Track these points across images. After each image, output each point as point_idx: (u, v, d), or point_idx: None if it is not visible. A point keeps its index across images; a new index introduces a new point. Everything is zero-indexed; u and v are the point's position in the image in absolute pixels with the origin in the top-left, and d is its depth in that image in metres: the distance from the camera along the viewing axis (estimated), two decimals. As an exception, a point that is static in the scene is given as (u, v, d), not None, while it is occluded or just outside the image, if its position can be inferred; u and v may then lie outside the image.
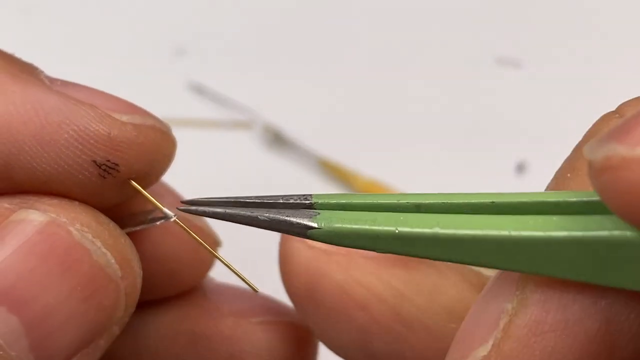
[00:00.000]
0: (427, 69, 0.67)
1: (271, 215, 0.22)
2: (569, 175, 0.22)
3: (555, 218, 0.20)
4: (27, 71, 0.25)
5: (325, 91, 0.65)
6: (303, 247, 0.27)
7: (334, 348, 0.29)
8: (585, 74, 0.65)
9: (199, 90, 0.65)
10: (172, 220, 0.25)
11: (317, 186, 0.58)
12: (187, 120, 0.61)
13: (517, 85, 0.66)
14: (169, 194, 0.29)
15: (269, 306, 0.31)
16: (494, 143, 0.61)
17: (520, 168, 0.58)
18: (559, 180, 0.22)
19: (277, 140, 0.60)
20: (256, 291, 0.27)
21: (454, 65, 0.67)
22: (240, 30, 0.70)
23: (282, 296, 0.32)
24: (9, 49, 0.26)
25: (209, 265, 0.31)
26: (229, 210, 0.23)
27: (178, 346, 0.30)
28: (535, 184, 0.25)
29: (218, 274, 0.32)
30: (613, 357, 0.20)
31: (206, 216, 0.24)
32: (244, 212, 0.23)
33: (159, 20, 0.71)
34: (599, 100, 0.19)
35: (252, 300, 0.31)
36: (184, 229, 0.26)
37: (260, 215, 0.22)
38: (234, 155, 0.60)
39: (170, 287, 0.30)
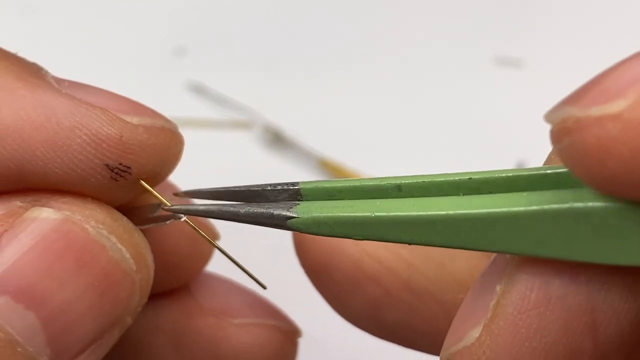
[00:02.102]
0: (427, 69, 0.67)
1: (251, 210, 0.23)
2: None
3: (525, 194, 0.20)
4: (33, 73, 0.24)
5: (326, 91, 0.65)
6: None
7: (347, 318, 0.29)
8: (585, 74, 0.65)
9: (199, 90, 0.65)
10: (182, 220, 0.26)
11: (317, 186, 0.57)
12: (187, 120, 0.61)
13: (517, 85, 0.66)
14: (172, 189, 0.29)
15: (254, 306, 0.31)
16: (493, 143, 0.61)
17: (520, 168, 0.58)
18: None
19: (277, 140, 0.60)
20: (265, 288, 0.27)
21: (454, 65, 0.67)
22: (240, 30, 0.70)
23: (280, 294, 0.32)
24: (10, 49, 0.26)
25: (207, 259, 0.31)
26: (211, 207, 0.24)
27: (158, 342, 0.30)
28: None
29: (221, 271, 0.32)
30: (597, 333, 0.20)
31: (189, 214, 0.25)
32: (225, 208, 0.24)
33: (159, 20, 0.71)
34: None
35: (237, 298, 0.31)
36: (194, 228, 0.26)
37: (240, 210, 0.23)
38: (234, 155, 0.60)
39: (168, 280, 0.30)
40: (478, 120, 0.63)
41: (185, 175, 0.31)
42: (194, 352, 0.30)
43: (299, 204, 0.23)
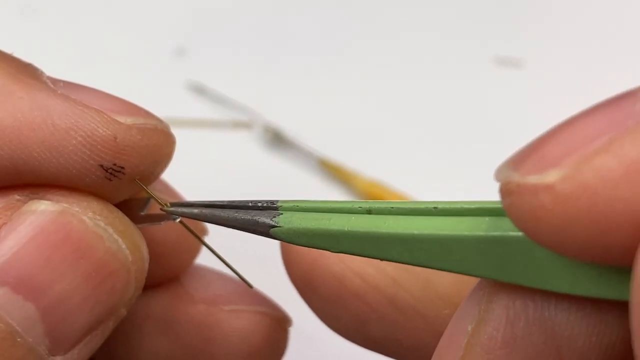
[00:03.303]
0: (427, 69, 0.67)
1: (239, 216, 0.25)
2: None
3: (487, 219, 0.21)
4: (29, 74, 0.25)
5: (326, 91, 0.65)
6: None
7: (334, 330, 0.30)
8: (585, 74, 0.65)
9: (199, 90, 0.65)
10: (177, 221, 0.27)
11: (317, 186, 0.58)
12: (187, 120, 0.61)
13: (517, 85, 0.66)
14: (164, 188, 0.30)
15: (243, 294, 0.32)
16: (493, 143, 0.61)
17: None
18: None
19: (277, 140, 0.60)
20: (251, 287, 0.28)
21: (454, 65, 0.67)
22: (240, 30, 0.70)
23: (274, 291, 0.32)
24: (8, 49, 0.26)
25: (195, 253, 0.31)
26: (204, 212, 0.26)
27: (148, 331, 0.31)
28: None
29: (211, 265, 0.32)
30: None
31: (186, 217, 0.26)
32: (217, 213, 0.25)
33: (159, 20, 0.71)
34: (598, 101, 0.19)
35: (226, 287, 0.31)
36: (188, 229, 0.27)
37: (230, 216, 0.25)
38: (234, 155, 0.60)
39: (158, 273, 0.30)
40: (478, 120, 0.63)
41: (185, 175, 0.32)
42: (184, 339, 0.30)
43: (282, 214, 0.24)
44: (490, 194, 0.22)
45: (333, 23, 0.72)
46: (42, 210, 0.24)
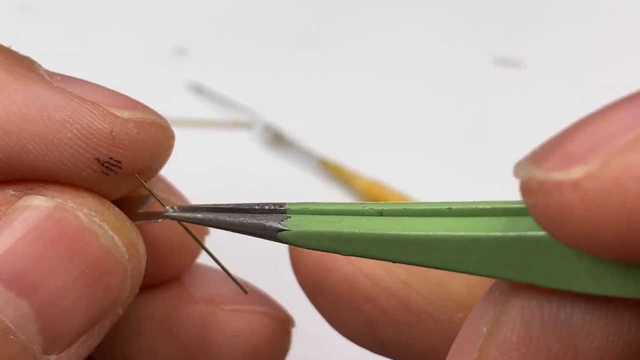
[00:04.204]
0: (427, 70, 0.67)
1: (246, 220, 0.24)
2: None
3: (504, 219, 0.21)
4: (26, 66, 0.25)
5: (325, 91, 0.65)
6: None
7: (343, 334, 0.29)
8: (585, 74, 0.65)
9: (199, 90, 0.65)
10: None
11: (317, 186, 0.58)
12: (187, 120, 0.61)
13: (517, 85, 0.66)
14: (165, 187, 0.29)
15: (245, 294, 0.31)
16: (493, 143, 0.61)
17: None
18: None
19: (277, 140, 0.60)
20: (245, 292, 0.28)
21: (454, 65, 0.67)
22: (240, 30, 0.70)
23: (275, 295, 0.32)
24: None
25: (196, 254, 0.31)
26: (209, 216, 0.25)
27: (148, 330, 0.30)
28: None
29: (210, 264, 0.32)
30: None
31: (189, 222, 0.25)
32: (222, 218, 0.25)
33: (159, 20, 0.71)
34: (599, 100, 0.19)
35: (227, 287, 0.31)
36: (186, 229, 0.26)
37: (235, 220, 0.24)
38: (234, 155, 0.60)
39: (158, 274, 0.30)
40: (478, 121, 0.63)
41: (185, 175, 0.31)
42: (184, 338, 0.30)
43: (290, 217, 0.24)
44: (491, 193, 0.22)
45: (333, 23, 0.71)
46: (37, 206, 0.23)
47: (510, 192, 0.22)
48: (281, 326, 0.31)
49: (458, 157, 0.60)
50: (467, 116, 0.63)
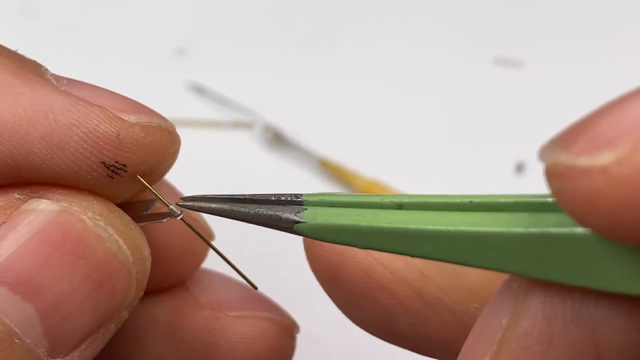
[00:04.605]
0: (428, 70, 0.67)
1: (261, 211, 0.24)
2: None
3: (526, 215, 0.20)
4: (32, 70, 0.25)
5: (326, 91, 0.65)
6: None
7: (358, 324, 0.29)
8: (585, 74, 0.65)
9: (199, 90, 0.65)
10: (179, 218, 0.26)
11: (317, 186, 0.58)
12: (187, 120, 0.61)
13: (517, 85, 0.66)
14: (170, 191, 0.29)
15: (250, 300, 0.31)
16: (493, 143, 0.61)
17: (520, 168, 0.58)
18: None
19: (277, 140, 0.60)
20: (256, 288, 0.28)
21: (454, 65, 0.67)
22: (240, 30, 0.70)
23: (278, 294, 0.32)
24: (9, 47, 0.26)
25: (202, 258, 0.31)
26: (223, 206, 0.24)
27: (153, 335, 0.30)
28: (534, 184, 0.24)
29: (215, 268, 0.32)
30: None
31: (203, 212, 0.25)
32: (237, 208, 0.24)
33: (159, 20, 0.71)
34: (599, 100, 0.19)
35: (232, 292, 0.31)
36: (191, 227, 0.27)
37: (251, 211, 0.24)
38: (234, 155, 0.60)
39: (164, 278, 0.30)
40: (478, 120, 0.63)
41: (185, 175, 0.31)
42: (189, 344, 0.30)
43: (306, 209, 0.23)
44: (491, 193, 0.22)
45: (333, 23, 0.71)
46: (42, 210, 0.23)
47: (510, 192, 0.22)
48: (286, 332, 0.31)
49: (458, 156, 0.60)
50: (467, 116, 0.63)
